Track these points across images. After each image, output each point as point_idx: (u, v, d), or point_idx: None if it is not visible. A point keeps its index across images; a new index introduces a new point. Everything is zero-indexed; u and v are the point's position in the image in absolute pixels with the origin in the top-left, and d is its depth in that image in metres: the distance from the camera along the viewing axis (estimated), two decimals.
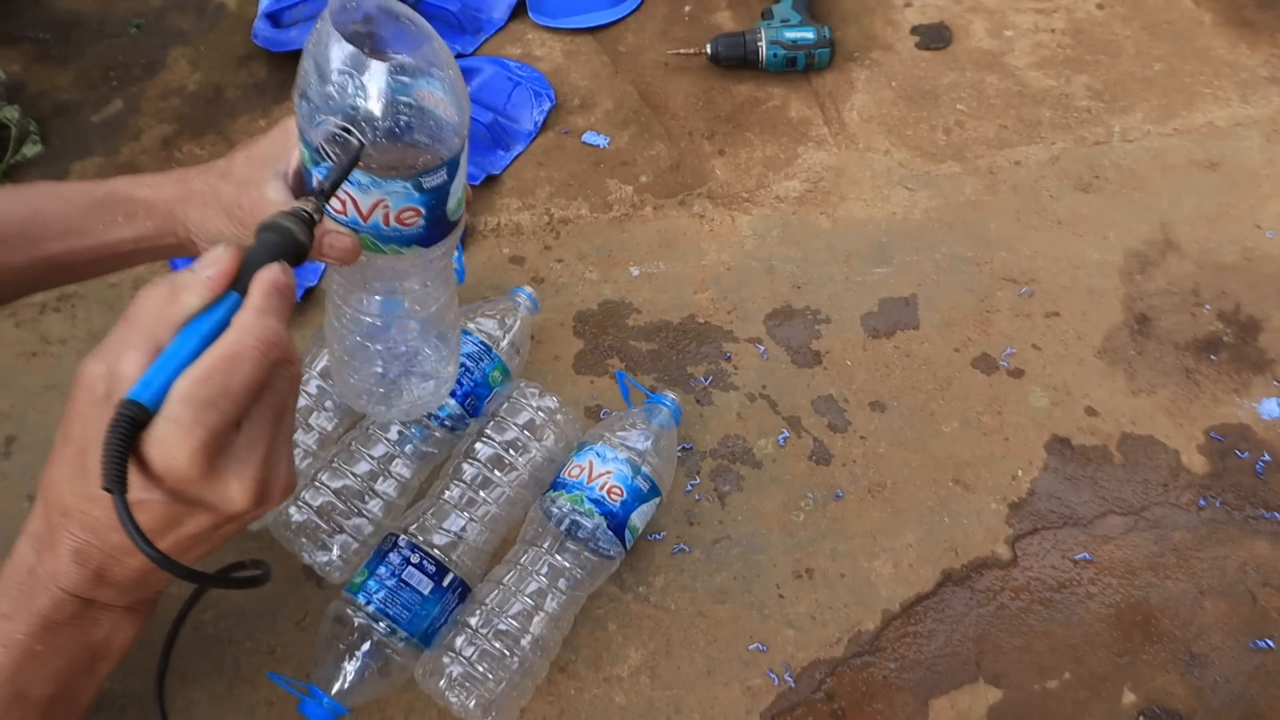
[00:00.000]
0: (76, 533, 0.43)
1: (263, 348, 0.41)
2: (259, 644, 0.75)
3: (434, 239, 0.52)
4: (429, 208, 0.50)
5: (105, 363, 0.40)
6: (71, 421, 0.41)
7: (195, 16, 1.23)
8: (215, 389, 0.40)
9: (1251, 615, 0.76)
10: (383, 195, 0.48)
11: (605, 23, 1.19)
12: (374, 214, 0.49)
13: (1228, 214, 1.00)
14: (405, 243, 0.51)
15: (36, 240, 0.55)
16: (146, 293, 0.42)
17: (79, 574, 0.44)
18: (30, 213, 0.55)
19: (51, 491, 0.43)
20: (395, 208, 0.49)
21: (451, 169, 0.50)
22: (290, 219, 0.45)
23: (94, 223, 0.56)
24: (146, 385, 0.39)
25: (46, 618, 0.44)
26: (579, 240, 0.99)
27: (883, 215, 1.01)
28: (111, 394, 0.40)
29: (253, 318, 0.42)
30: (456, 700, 0.67)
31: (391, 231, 0.50)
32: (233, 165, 0.56)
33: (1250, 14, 1.17)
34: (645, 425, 0.78)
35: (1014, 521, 0.81)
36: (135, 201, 0.56)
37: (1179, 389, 0.88)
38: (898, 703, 0.73)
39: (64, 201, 0.56)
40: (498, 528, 0.76)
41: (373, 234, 0.50)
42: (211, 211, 0.55)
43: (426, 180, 0.49)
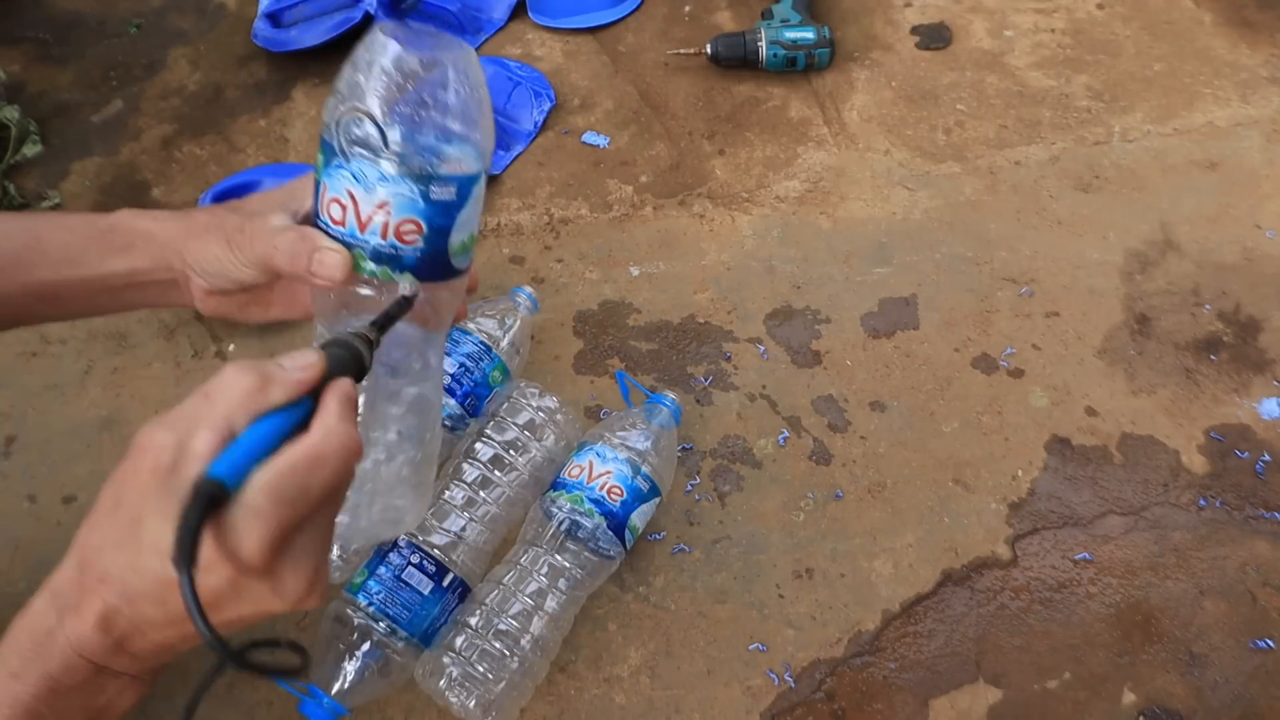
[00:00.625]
0: (110, 599, 0.42)
1: (345, 454, 0.42)
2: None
3: (430, 273, 0.50)
4: (431, 226, 0.49)
5: (176, 434, 0.40)
6: (126, 487, 0.40)
7: (195, 16, 1.23)
8: (297, 486, 0.40)
9: (1251, 615, 0.76)
10: (388, 196, 0.47)
11: (605, 23, 1.19)
12: (373, 221, 0.48)
13: (1228, 214, 1.00)
14: (399, 266, 0.49)
15: (32, 267, 0.55)
16: (234, 376, 0.42)
17: (101, 641, 0.43)
18: (30, 239, 0.55)
19: (89, 554, 0.41)
20: (397, 216, 0.48)
21: (463, 190, 0.49)
22: (356, 339, 0.47)
23: (91, 253, 0.55)
24: (230, 467, 0.39)
25: (56, 680, 0.43)
26: (579, 240, 0.99)
27: (883, 215, 1.01)
28: (178, 468, 0.39)
29: (336, 423, 0.42)
30: (456, 700, 0.67)
31: (388, 248, 0.49)
32: (245, 203, 0.56)
33: (1250, 14, 1.17)
34: (645, 425, 0.78)
35: (1014, 521, 0.81)
36: (135, 232, 0.56)
37: (1179, 389, 0.88)
38: (898, 703, 0.73)
39: (65, 230, 0.56)
40: (498, 528, 0.76)
41: (366, 249, 0.49)
42: (211, 239, 0.54)
43: (435, 189, 0.48)
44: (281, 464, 0.40)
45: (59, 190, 1.04)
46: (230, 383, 0.42)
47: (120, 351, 0.92)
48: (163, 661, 0.47)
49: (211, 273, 0.56)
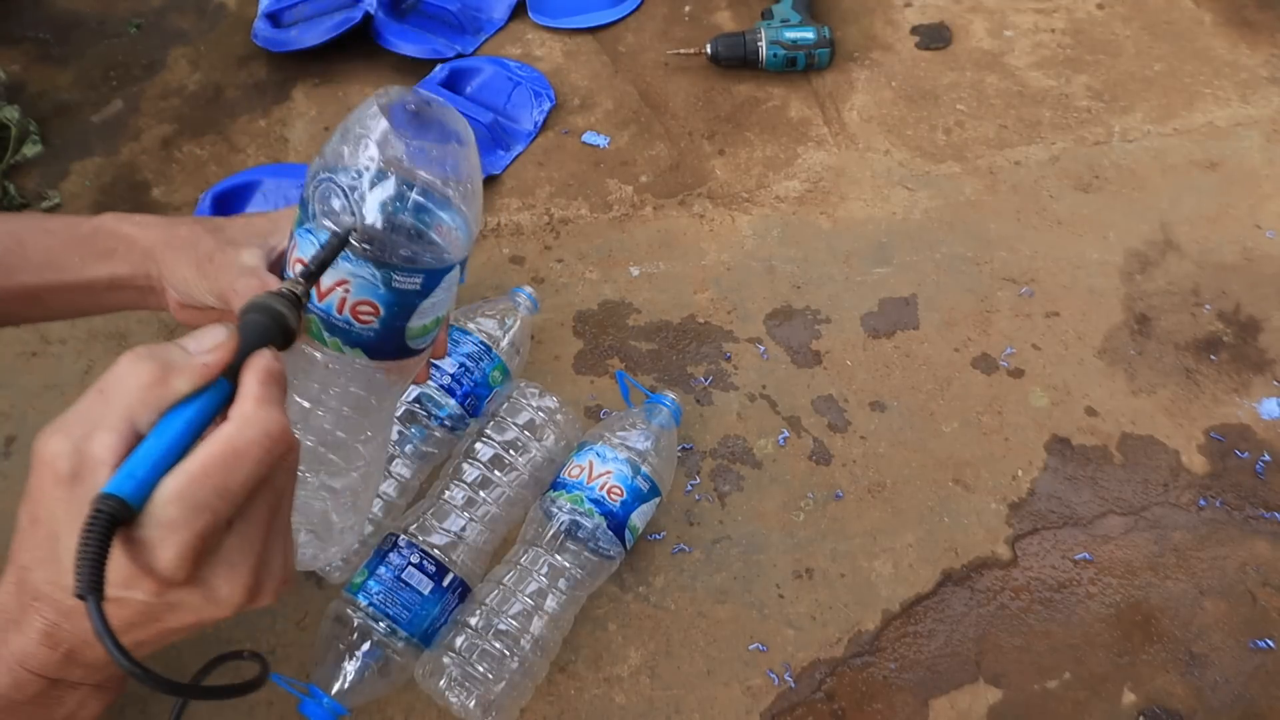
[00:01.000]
0: (49, 615, 0.39)
1: (267, 443, 0.38)
2: (259, 644, 0.75)
3: (382, 352, 0.48)
4: (389, 311, 0.46)
5: (71, 439, 0.37)
6: (37, 501, 0.38)
7: (195, 16, 1.23)
8: (212, 489, 0.37)
9: (1251, 615, 0.76)
10: (347, 276, 0.45)
11: (605, 23, 1.19)
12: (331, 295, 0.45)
13: (1228, 214, 1.00)
14: (351, 341, 0.47)
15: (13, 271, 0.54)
16: (130, 367, 0.38)
17: (48, 655, 0.41)
18: (12, 243, 0.54)
19: (22, 572, 0.39)
20: (355, 296, 0.45)
21: (429, 282, 0.46)
22: (278, 300, 0.42)
23: (73, 258, 0.54)
24: (129, 477, 0.36)
25: (6, 696, 0.41)
26: (579, 240, 0.99)
27: (883, 215, 1.01)
28: (79, 475, 0.37)
29: (254, 409, 0.38)
30: (456, 700, 0.67)
31: (342, 322, 0.46)
32: (227, 225, 0.55)
33: (1250, 14, 1.17)
34: (645, 425, 0.78)
35: (1014, 521, 0.81)
36: (117, 237, 0.55)
37: (1179, 389, 0.88)
38: (898, 703, 0.73)
39: (48, 234, 0.55)
40: (498, 528, 0.76)
41: (321, 317, 0.46)
42: (184, 258, 0.53)
43: (398, 278, 0.45)
44: (193, 466, 0.37)
45: (59, 190, 1.04)
46: (126, 375, 0.38)
47: (120, 351, 0.91)
48: None
49: (180, 291, 0.55)
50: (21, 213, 0.59)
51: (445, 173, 0.45)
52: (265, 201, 1.00)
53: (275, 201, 1.00)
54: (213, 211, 0.97)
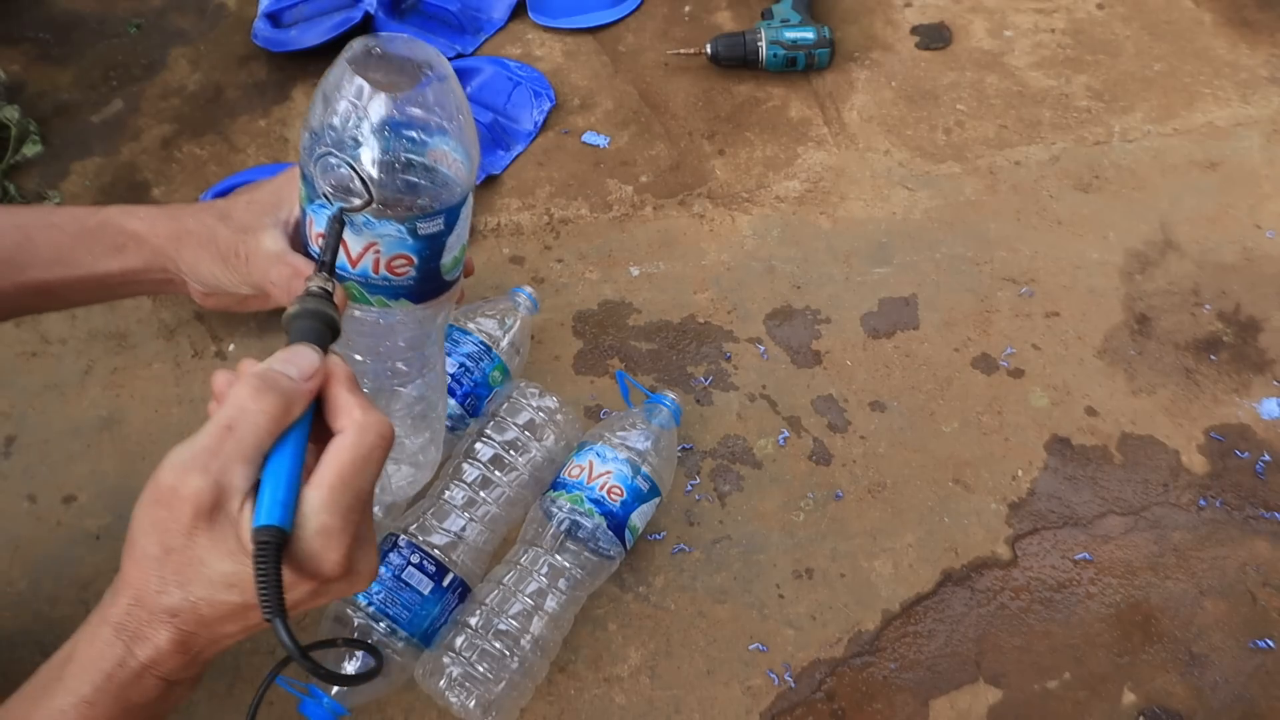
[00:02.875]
0: (187, 627, 0.43)
1: (384, 443, 0.43)
2: (259, 644, 0.75)
3: (424, 295, 0.50)
4: (422, 257, 0.48)
5: (210, 475, 0.40)
6: (171, 534, 0.41)
7: (195, 16, 1.23)
8: (353, 494, 0.42)
9: (1251, 615, 0.76)
10: (375, 238, 0.46)
11: (605, 23, 1.19)
12: (363, 259, 0.47)
13: (1228, 214, 1.00)
14: (394, 294, 0.49)
15: (24, 267, 0.55)
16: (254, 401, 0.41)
17: (179, 660, 0.44)
18: (21, 238, 0.55)
19: (148, 595, 0.42)
20: (386, 254, 0.47)
21: (450, 219, 0.48)
22: (318, 301, 0.44)
23: (83, 253, 0.55)
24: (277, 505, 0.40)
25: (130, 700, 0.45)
26: (579, 240, 0.99)
27: (883, 215, 1.01)
28: (220, 506, 0.40)
29: (364, 415, 0.43)
30: (456, 700, 0.67)
31: (380, 280, 0.48)
32: (232, 209, 0.55)
33: (1250, 14, 1.17)
34: (645, 425, 0.78)
35: (1014, 521, 0.81)
36: (126, 234, 0.55)
37: (1179, 389, 0.88)
38: (898, 703, 0.73)
39: (55, 229, 0.55)
40: (498, 528, 0.76)
41: (360, 282, 0.48)
42: (206, 254, 0.54)
43: (422, 226, 0.47)
44: (332, 478, 0.41)
45: (59, 190, 1.04)
46: (251, 409, 0.41)
47: (120, 351, 0.92)
48: None
49: (206, 284, 0.56)
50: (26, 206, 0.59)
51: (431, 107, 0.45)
52: None
53: None
54: None
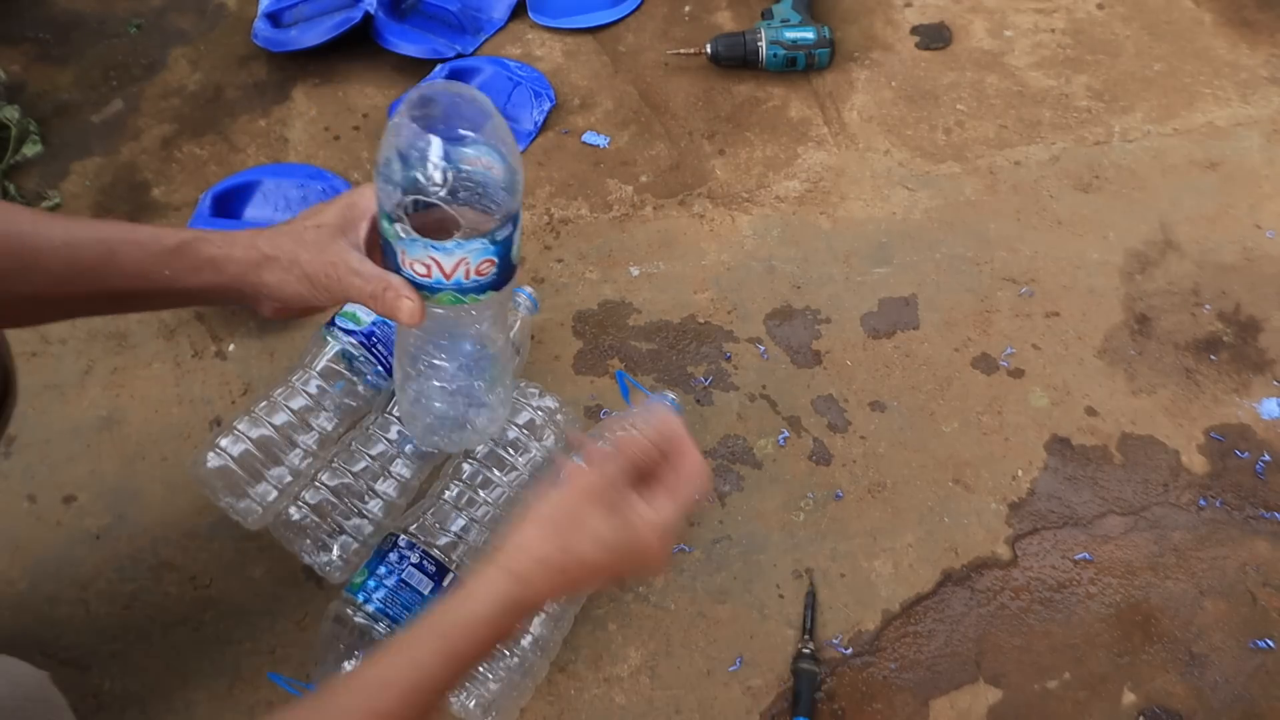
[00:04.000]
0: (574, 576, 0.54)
1: None
2: (259, 644, 0.75)
3: (504, 282, 0.58)
4: (501, 257, 0.56)
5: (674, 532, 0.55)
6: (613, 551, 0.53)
7: (195, 16, 1.23)
8: None
9: (1251, 615, 0.76)
10: (465, 254, 0.54)
11: (605, 23, 1.19)
12: (456, 272, 0.55)
13: (1228, 214, 1.00)
14: (482, 290, 0.57)
15: (105, 278, 0.58)
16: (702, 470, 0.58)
17: None
18: (106, 252, 0.58)
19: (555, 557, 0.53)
20: (475, 262, 0.55)
21: (515, 220, 0.56)
22: None
23: (162, 270, 0.58)
24: None
25: (511, 630, 0.53)
26: (579, 240, 0.99)
27: (883, 215, 1.01)
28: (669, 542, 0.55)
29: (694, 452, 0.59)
30: (456, 700, 0.67)
31: (471, 283, 0.56)
32: (304, 234, 0.59)
33: (1250, 14, 1.17)
34: None
35: (1014, 521, 0.81)
36: (203, 258, 0.59)
37: (1179, 389, 0.88)
38: (898, 703, 0.73)
39: (138, 247, 0.58)
40: (498, 528, 0.76)
41: (455, 289, 0.56)
42: (291, 277, 0.58)
43: (499, 234, 0.55)
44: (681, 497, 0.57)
45: (59, 190, 1.04)
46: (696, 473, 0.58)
47: (120, 351, 0.92)
48: None
49: (291, 302, 0.60)
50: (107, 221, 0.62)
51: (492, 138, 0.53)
52: (265, 201, 1.00)
53: (275, 201, 1.00)
54: (212, 211, 0.97)
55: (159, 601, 0.77)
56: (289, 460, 0.76)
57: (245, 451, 0.74)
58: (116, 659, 0.75)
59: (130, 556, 0.79)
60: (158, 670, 0.74)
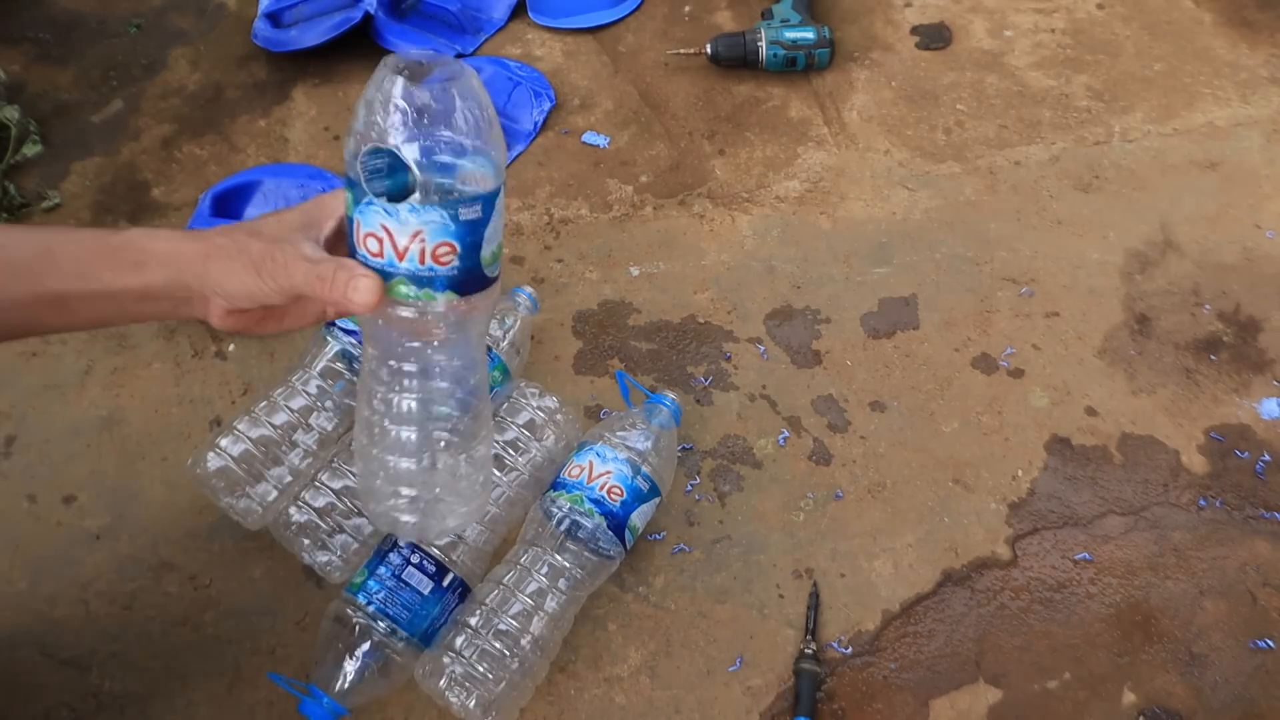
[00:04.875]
0: None
1: None
2: (259, 644, 0.75)
3: (468, 286, 0.53)
4: (464, 245, 0.51)
5: None
6: None
7: (195, 16, 1.23)
8: None
9: (1251, 615, 0.76)
10: (420, 225, 0.50)
11: (605, 23, 1.19)
12: (410, 250, 0.50)
13: (1228, 214, 1.00)
14: (440, 285, 0.52)
15: (42, 277, 0.55)
16: None
17: None
18: (41, 249, 0.55)
19: None
20: (431, 241, 0.50)
21: (487, 207, 0.52)
22: None
23: (103, 267, 0.55)
24: None
25: None
26: (579, 240, 0.99)
27: (883, 215, 1.01)
28: None
29: None
30: (456, 700, 0.67)
31: (426, 271, 0.51)
32: (260, 226, 0.56)
33: (1250, 14, 1.17)
34: (645, 425, 0.78)
35: (1014, 521, 0.81)
36: (148, 251, 0.56)
37: (1179, 389, 0.88)
38: (898, 703, 0.73)
39: (76, 244, 0.56)
40: (498, 528, 0.76)
41: (408, 275, 0.51)
42: (237, 265, 0.55)
43: (463, 211, 0.50)
44: None
45: (59, 190, 1.04)
46: None
47: (120, 351, 0.92)
48: None
49: (237, 296, 0.56)
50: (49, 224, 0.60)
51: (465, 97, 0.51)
52: (265, 201, 1.00)
53: (275, 201, 1.00)
54: (212, 211, 0.97)
55: (159, 601, 0.77)
56: (289, 460, 0.76)
57: (245, 451, 0.74)
58: (116, 659, 0.75)
59: (130, 556, 0.79)
60: (158, 670, 0.74)
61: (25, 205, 1.02)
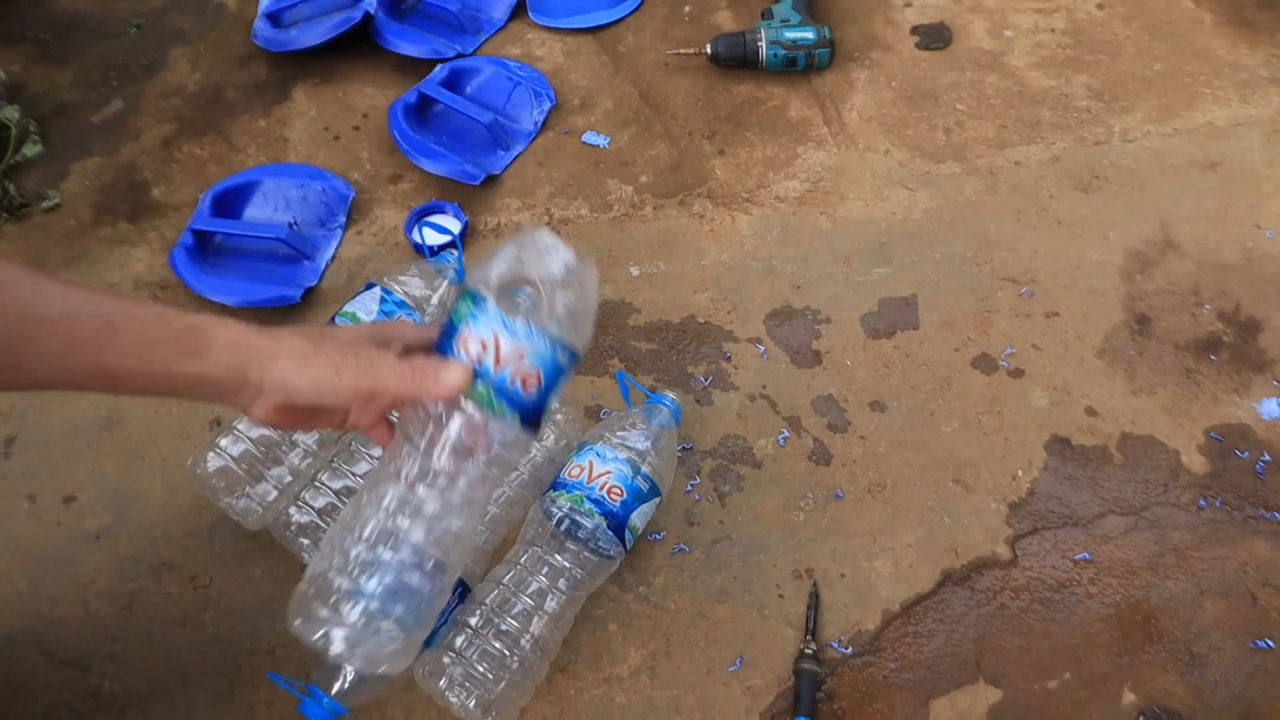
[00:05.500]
0: None
1: None
2: (259, 644, 0.75)
3: (530, 419, 0.57)
4: (547, 381, 0.56)
5: None
6: None
7: (195, 16, 1.23)
8: None
9: (1251, 615, 0.76)
10: (528, 346, 0.55)
11: (605, 23, 1.19)
12: (506, 365, 0.55)
13: (1228, 214, 1.00)
14: (514, 406, 0.56)
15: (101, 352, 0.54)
16: None
17: None
18: (104, 324, 0.54)
19: None
20: (528, 364, 0.55)
21: (570, 362, 0.58)
22: None
23: (163, 352, 0.54)
24: None
25: None
26: (579, 240, 0.99)
27: (883, 215, 1.01)
28: None
29: None
30: (456, 700, 0.67)
31: (512, 392, 0.55)
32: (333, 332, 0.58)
33: (1250, 14, 1.17)
34: (645, 425, 0.78)
35: (1014, 521, 0.81)
36: (213, 341, 0.55)
37: (1179, 389, 0.88)
38: (898, 703, 0.73)
39: (140, 323, 0.55)
40: (498, 528, 0.76)
41: (495, 387, 0.55)
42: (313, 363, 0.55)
43: (559, 353, 0.56)
44: None
45: (59, 190, 1.04)
46: None
47: None
48: None
49: (304, 392, 0.55)
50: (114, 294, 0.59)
51: (588, 280, 0.58)
52: (265, 201, 1.00)
53: (275, 201, 1.00)
54: (212, 211, 0.97)
55: (159, 601, 0.77)
56: (289, 460, 0.76)
57: (245, 451, 0.74)
58: (116, 659, 0.75)
59: (130, 556, 0.80)
60: (158, 670, 0.74)
61: (25, 205, 1.02)
